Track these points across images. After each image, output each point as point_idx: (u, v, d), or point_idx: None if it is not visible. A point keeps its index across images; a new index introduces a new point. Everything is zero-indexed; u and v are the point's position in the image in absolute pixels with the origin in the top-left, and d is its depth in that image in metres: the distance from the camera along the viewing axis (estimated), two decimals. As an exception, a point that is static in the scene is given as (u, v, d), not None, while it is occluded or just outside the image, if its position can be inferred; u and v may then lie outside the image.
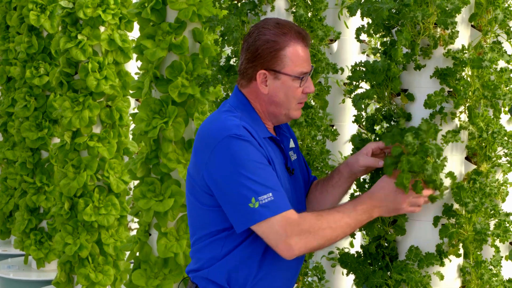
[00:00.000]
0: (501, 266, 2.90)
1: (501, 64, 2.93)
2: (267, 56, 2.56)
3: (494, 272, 2.88)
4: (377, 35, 2.89)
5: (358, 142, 2.96)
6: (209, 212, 2.58)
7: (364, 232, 2.91)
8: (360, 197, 2.54)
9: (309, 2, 3.79)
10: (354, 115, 2.99)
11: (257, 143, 2.51)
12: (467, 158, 2.89)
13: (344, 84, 4.39)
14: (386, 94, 2.86)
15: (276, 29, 2.58)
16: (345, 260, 3.02)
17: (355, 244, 4.47)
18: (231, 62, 3.84)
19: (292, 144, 2.76)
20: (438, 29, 2.72)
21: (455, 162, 2.82)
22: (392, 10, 2.72)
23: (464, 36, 2.80)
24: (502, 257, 2.93)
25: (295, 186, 2.69)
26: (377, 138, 2.92)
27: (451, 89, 2.76)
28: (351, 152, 2.99)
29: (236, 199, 2.46)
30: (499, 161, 2.89)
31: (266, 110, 2.62)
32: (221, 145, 2.47)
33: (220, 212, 2.55)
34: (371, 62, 2.81)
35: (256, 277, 2.60)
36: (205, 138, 2.54)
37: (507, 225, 2.84)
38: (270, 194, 2.43)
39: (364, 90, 2.86)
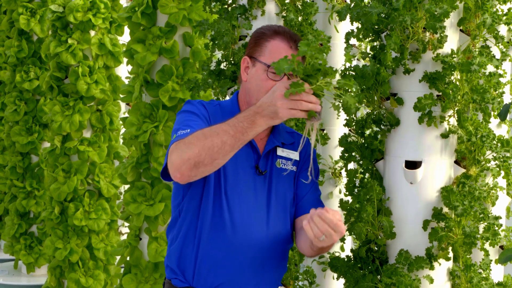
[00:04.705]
0: (490, 270, 2.91)
1: (490, 68, 2.94)
2: (251, 43, 2.63)
3: (484, 275, 2.89)
4: (367, 40, 2.90)
5: (346, 143, 2.97)
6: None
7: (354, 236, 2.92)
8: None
9: (299, 6, 3.80)
10: (346, 119, 3.01)
11: (207, 115, 2.60)
12: (456, 162, 2.90)
13: (335, 88, 4.39)
14: (375, 98, 2.87)
15: (272, 27, 2.64)
16: (335, 264, 3.02)
17: (346, 248, 4.47)
18: (222, 66, 3.85)
19: (289, 155, 2.72)
20: (427, 34, 2.73)
21: (444, 166, 2.83)
22: (381, 14, 2.73)
23: (452, 41, 2.82)
24: (491, 260, 2.94)
25: (262, 188, 2.67)
26: (366, 144, 2.93)
27: (440, 93, 2.77)
28: (340, 155, 3.00)
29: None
30: (488, 164, 2.90)
31: (245, 100, 2.66)
32: None
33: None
34: (360, 67, 2.82)
35: (197, 259, 2.62)
36: None
37: (496, 228, 2.85)
38: (188, 130, 2.48)
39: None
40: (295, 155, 2.73)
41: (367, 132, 3.01)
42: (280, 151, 2.71)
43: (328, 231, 2.27)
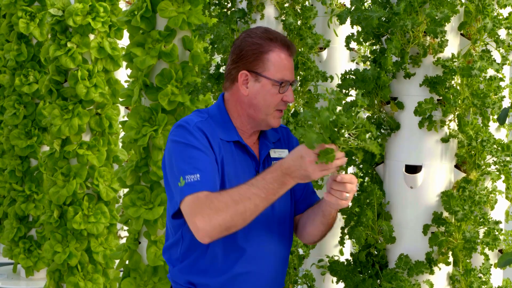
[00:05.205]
0: (490, 274, 2.90)
1: (490, 72, 2.94)
2: (250, 57, 2.59)
3: (484, 280, 2.89)
4: (367, 43, 2.89)
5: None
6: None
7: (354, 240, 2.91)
8: (272, 166, 2.45)
9: (298, 10, 3.80)
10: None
11: (208, 141, 2.54)
12: (456, 166, 2.90)
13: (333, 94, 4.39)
14: (376, 102, 2.87)
15: (263, 34, 2.61)
16: (335, 268, 3.02)
17: (345, 252, 4.47)
18: (221, 70, 3.85)
19: (281, 155, 2.73)
20: (428, 38, 2.73)
21: (444, 170, 2.83)
22: (382, 18, 2.73)
23: (453, 45, 2.81)
24: (491, 265, 2.94)
25: None
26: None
27: (441, 98, 2.77)
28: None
29: (171, 181, 2.51)
30: (488, 169, 2.90)
31: (246, 112, 2.63)
32: (173, 133, 2.57)
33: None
34: (361, 71, 2.82)
35: (213, 274, 2.59)
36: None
37: (496, 233, 2.85)
38: (198, 175, 2.44)
39: (354, 98, 2.86)
40: (285, 153, 2.74)
41: (367, 135, 3.01)
42: (273, 153, 2.72)
43: (349, 187, 2.39)
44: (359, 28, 2.83)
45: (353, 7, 2.79)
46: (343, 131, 2.26)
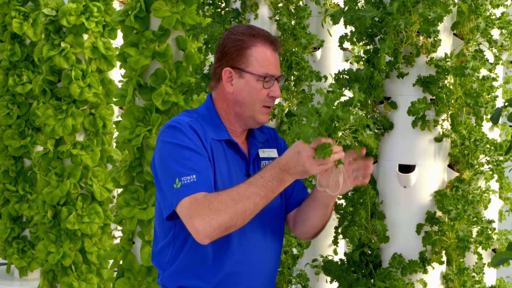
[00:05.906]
0: (483, 273, 2.91)
1: (483, 72, 2.95)
2: (232, 54, 2.58)
3: (477, 279, 2.89)
4: (360, 43, 2.90)
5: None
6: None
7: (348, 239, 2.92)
8: (269, 164, 2.42)
9: (292, 10, 3.81)
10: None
11: (200, 140, 2.52)
12: (449, 166, 2.91)
13: (328, 92, 4.40)
14: (369, 102, 2.87)
15: (245, 30, 2.61)
16: (329, 268, 3.02)
17: (339, 251, 4.48)
18: (215, 70, 3.84)
19: (270, 155, 2.73)
20: (421, 38, 2.74)
21: (437, 170, 2.84)
22: (375, 18, 2.73)
23: (446, 44, 2.82)
24: (484, 264, 2.94)
25: None
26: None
27: (434, 97, 2.77)
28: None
29: (164, 182, 2.48)
30: (482, 168, 2.91)
31: (233, 110, 2.62)
32: (163, 134, 2.54)
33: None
34: (354, 70, 2.82)
35: (206, 275, 2.57)
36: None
37: (490, 232, 2.85)
38: (194, 176, 2.42)
39: (348, 98, 2.87)
40: (274, 153, 2.74)
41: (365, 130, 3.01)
42: (261, 152, 2.72)
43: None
44: (353, 28, 2.83)
45: (346, 7, 2.79)
46: (339, 125, 2.24)
